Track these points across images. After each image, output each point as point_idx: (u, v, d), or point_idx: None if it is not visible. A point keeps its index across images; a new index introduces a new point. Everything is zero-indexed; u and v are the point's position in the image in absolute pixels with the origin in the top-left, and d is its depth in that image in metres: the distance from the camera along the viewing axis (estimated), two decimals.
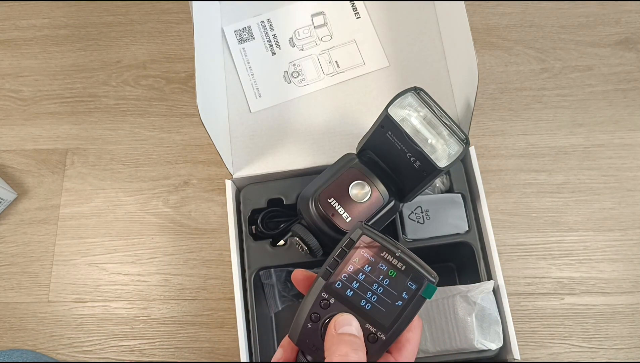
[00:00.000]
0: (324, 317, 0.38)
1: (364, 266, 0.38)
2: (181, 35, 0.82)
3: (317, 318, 0.38)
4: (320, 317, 0.38)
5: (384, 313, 0.37)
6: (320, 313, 0.38)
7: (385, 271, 0.38)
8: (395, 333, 0.37)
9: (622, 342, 0.67)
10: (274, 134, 0.65)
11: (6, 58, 0.82)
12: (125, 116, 0.78)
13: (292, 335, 0.39)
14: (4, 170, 0.77)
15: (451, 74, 0.65)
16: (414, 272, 0.37)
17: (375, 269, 0.38)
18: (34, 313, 0.71)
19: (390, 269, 0.38)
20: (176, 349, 0.69)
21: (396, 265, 0.38)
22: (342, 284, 0.38)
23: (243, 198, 0.62)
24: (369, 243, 0.38)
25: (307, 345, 0.38)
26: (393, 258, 0.38)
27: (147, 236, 0.73)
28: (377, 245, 0.38)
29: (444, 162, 0.50)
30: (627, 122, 0.75)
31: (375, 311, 0.37)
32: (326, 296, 0.38)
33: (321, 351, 0.38)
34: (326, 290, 0.38)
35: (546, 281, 0.69)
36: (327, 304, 0.38)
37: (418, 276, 0.37)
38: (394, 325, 0.37)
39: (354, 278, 0.38)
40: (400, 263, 0.38)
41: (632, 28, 0.79)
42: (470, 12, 0.71)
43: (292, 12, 0.70)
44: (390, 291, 0.37)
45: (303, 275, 0.41)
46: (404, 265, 0.38)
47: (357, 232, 0.38)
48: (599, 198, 0.72)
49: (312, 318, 0.38)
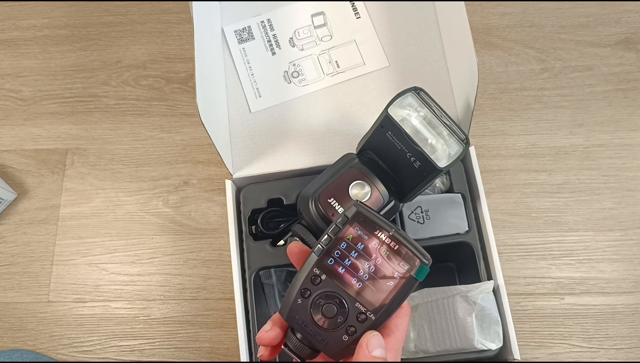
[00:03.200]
0: (315, 293, 0.37)
1: (357, 244, 0.37)
2: (181, 35, 0.82)
3: (308, 294, 0.38)
4: (311, 293, 0.38)
5: (374, 293, 0.37)
6: (311, 289, 0.38)
7: (378, 249, 0.37)
8: (385, 314, 0.37)
9: (622, 342, 0.67)
10: (274, 134, 0.65)
11: (6, 58, 0.82)
12: (125, 116, 0.78)
13: (282, 311, 0.39)
14: (4, 170, 0.77)
15: (451, 74, 0.65)
16: (407, 252, 0.37)
17: (369, 247, 0.37)
18: (34, 313, 0.71)
19: (384, 248, 0.37)
20: (176, 349, 0.69)
21: (389, 244, 0.37)
22: (334, 261, 0.38)
23: (243, 198, 0.62)
24: (363, 221, 0.38)
25: (295, 321, 0.38)
26: (387, 237, 0.37)
27: (147, 236, 0.73)
28: (372, 223, 0.38)
29: (444, 162, 0.50)
30: (627, 122, 0.75)
31: (366, 290, 0.37)
32: (318, 272, 0.38)
33: (309, 327, 0.38)
34: (318, 265, 0.38)
35: (546, 281, 0.69)
36: (318, 280, 0.38)
37: (411, 256, 0.37)
38: (384, 305, 0.37)
39: (346, 256, 0.38)
40: (393, 243, 0.37)
41: (632, 28, 0.79)
42: (470, 12, 0.71)
43: (292, 12, 0.70)
44: (382, 271, 0.37)
45: (299, 249, 0.40)
46: (397, 244, 0.37)
47: (352, 209, 0.38)
48: (599, 198, 0.72)
49: (303, 294, 0.38)
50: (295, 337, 0.39)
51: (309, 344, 0.38)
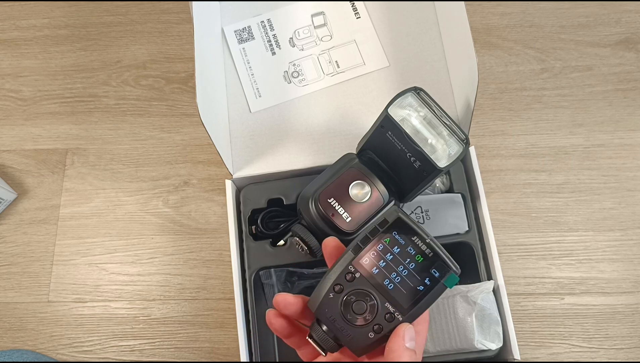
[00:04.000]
0: (347, 289, 0.39)
1: (393, 247, 0.39)
2: (181, 35, 0.82)
3: (340, 290, 0.39)
4: (344, 289, 0.39)
5: (404, 295, 0.39)
6: (344, 285, 0.39)
7: (412, 255, 0.39)
8: (412, 316, 0.39)
9: (622, 342, 0.67)
10: (274, 134, 0.65)
11: (6, 58, 0.82)
12: (125, 116, 0.78)
13: (311, 303, 0.41)
14: (4, 170, 0.77)
15: (451, 74, 0.65)
16: (440, 260, 0.39)
17: (404, 251, 0.39)
18: (34, 313, 0.71)
19: (417, 254, 0.39)
20: (176, 349, 0.69)
21: (424, 250, 0.39)
22: (369, 260, 0.39)
23: (243, 198, 0.62)
24: (402, 226, 0.39)
25: (324, 314, 0.40)
26: (422, 244, 0.39)
27: (147, 236, 0.73)
28: (410, 229, 0.39)
29: (444, 162, 0.50)
30: (627, 122, 0.75)
31: (397, 292, 0.39)
32: (352, 269, 0.39)
33: (337, 322, 0.39)
34: (354, 263, 0.39)
35: (546, 281, 0.69)
36: (352, 277, 0.39)
37: (443, 265, 0.39)
38: (412, 308, 0.39)
39: (381, 257, 0.39)
40: (428, 250, 0.39)
41: (632, 28, 0.79)
42: (470, 12, 0.71)
43: (292, 12, 0.70)
44: (414, 275, 0.39)
45: (335, 243, 0.42)
46: (431, 252, 0.39)
47: (393, 214, 0.40)
48: (599, 198, 0.72)
49: (335, 289, 0.39)
50: (321, 328, 0.40)
51: (333, 337, 0.40)
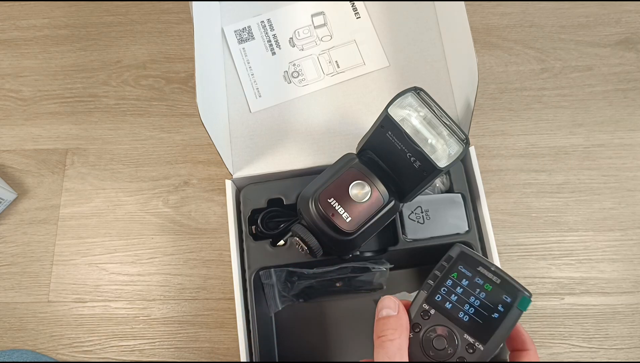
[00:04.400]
0: (425, 327, 0.40)
1: (461, 280, 0.41)
2: (181, 35, 0.82)
3: (419, 329, 0.41)
4: (422, 328, 0.40)
5: (481, 325, 0.40)
6: (421, 324, 0.41)
7: (481, 285, 0.41)
8: (493, 343, 0.39)
9: (622, 342, 0.67)
10: (274, 134, 0.65)
11: (6, 58, 0.82)
12: (125, 116, 0.78)
13: None
14: (4, 170, 0.77)
15: (451, 74, 0.65)
16: (509, 286, 0.40)
17: (472, 283, 0.41)
18: (34, 313, 0.71)
19: (486, 283, 0.41)
20: (176, 349, 0.69)
21: (492, 279, 0.41)
22: (441, 297, 0.41)
23: (243, 198, 0.62)
24: (466, 259, 0.42)
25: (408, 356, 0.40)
26: (489, 272, 0.41)
27: (147, 236, 0.73)
28: (474, 261, 0.41)
29: (444, 162, 0.50)
30: (627, 122, 0.75)
31: (473, 323, 0.40)
32: (427, 307, 0.41)
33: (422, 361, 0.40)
34: (427, 302, 0.41)
35: (546, 281, 0.69)
36: (427, 315, 0.41)
37: (513, 289, 0.40)
38: (491, 335, 0.39)
39: (452, 292, 0.41)
40: (496, 277, 0.41)
41: (632, 28, 0.79)
42: (470, 12, 0.71)
43: (292, 12, 0.70)
44: (486, 304, 0.40)
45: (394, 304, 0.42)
46: (499, 279, 0.41)
47: (456, 249, 0.42)
48: (599, 198, 0.72)
49: (414, 328, 0.41)
50: None
51: None
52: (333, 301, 0.66)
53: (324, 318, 0.66)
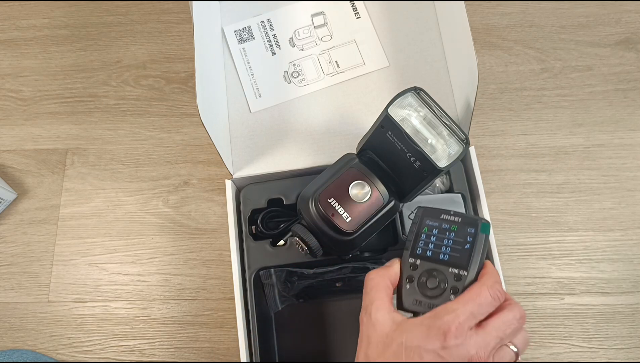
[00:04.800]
0: (417, 276, 0.48)
1: (432, 231, 0.49)
2: (181, 35, 0.82)
3: (412, 279, 0.48)
4: (414, 277, 0.48)
5: (459, 257, 0.47)
6: (413, 275, 0.48)
7: (448, 228, 0.48)
8: (473, 267, 0.47)
9: (622, 342, 0.67)
10: (274, 134, 0.65)
11: (6, 58, 0.82)
12: (125, 116, 0.78)
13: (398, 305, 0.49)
14: (4, 170, 0.77)
15: (451, 74, 0.65)
16: (469, 219, 0.48)
17: (441, 229, 0.49)
18: (34, 313, 0.71)
19: (451, 225, 0.48)
20: (176, 349, 0.69)
21: (454, 220, 0.48)
22: (421, 249, 0.48)
23: (243, 198, 0.62)
24: (429, 213, 0.49)
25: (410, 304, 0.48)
26: (449, 216, 0.49)
27: (147, 236, 0.73)
28: (436, 211, 0.49)
29: (444, 162, 0.50)
30: (627, 122, 0.75)
31: (452, 258, 0.48)
32: (412, 260, 0.48)
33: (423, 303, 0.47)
34: (412, 256, 0.49)
35: (546, 281, 0.69)
36: (415, 266, 0.48)
37: (473, 221, 0.48)
38: (470, 261, 0.47)
39: (428, 241, 0.49)
40: (456, 218, 0.49)
41: (632, 28, 0.79)
42: (470, 12, 0.71)
43: (292, 12, 0.70)
44: (457, 240, 0.48)
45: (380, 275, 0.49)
46: (459, 217, 0.48)
47: (419, 211, 0.50)
48: (599, 198, 0.72)
49: (409, 280, 0.48)
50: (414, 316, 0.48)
51: None
52: (333, 301, 0.66)
53: (324, 318, 0.66)
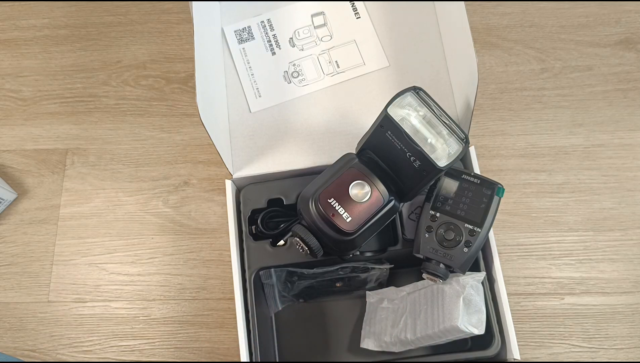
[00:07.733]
0: (436, 227, 0.54)
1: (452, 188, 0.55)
2: (181, 35, 0.82)
3: (431, 229, 0.54)
4: (433, 228, 0.54)
5: (474, 214, 0.54)
6: (432, 225, 0.54)
7: (467, 186, 0.54)
8: (486, 225, 0.53)
9: (622, 342, 0.67)
10: (274, 134, 0.65)
11: (6, 58, 0.82)
12: (125, 116, 0.78)
13: (415, 249, 0.55)
14: (4, 170, 0.77)
15: (451, 74, 0.65)
16: (486, 182, 0.54)
17: (461, 186, 0.55)
18: (34, 313, 0.71)
19: (470, 184, 0.54)
20: (176, 349, 0.69)
21: (473, 181, 0.55)
22: (441, 203, 0.55)
23: (243, 198, 0.62)
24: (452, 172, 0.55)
25: (427, 251, 0.54)
26: (470, 177, 0.55)
27: (147, 236, 0.73)
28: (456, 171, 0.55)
29: (443, 161, 0.51)
30: (627, 122, 0.75)
31: (468, 214, 0.54)
32: (433, 212, 0.55)
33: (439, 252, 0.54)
34: (432, 208, 0.55)
35: (546, 281, 0.69)
36: (435, 218, 0.54)
37: (490, 184, 0.54)
38: (485, 220, 0.54)
39: (448, 197, 0.55)
40: (476, 179, 0.55)
41: (632, 28, 0.79)
42: (470, 12, 0.71)
43: (292, 12, 0.70)
44: (474, 199, 0.54)
45: None
46: (478, 179, 0.55)
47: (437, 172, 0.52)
48: (599, 198, 0.72)
49: (428, 230, 0.54)
50: (430, 263, 0.54)
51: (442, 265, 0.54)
52: (333, 301, 0.66)
53: (324, 318, 0.66)
